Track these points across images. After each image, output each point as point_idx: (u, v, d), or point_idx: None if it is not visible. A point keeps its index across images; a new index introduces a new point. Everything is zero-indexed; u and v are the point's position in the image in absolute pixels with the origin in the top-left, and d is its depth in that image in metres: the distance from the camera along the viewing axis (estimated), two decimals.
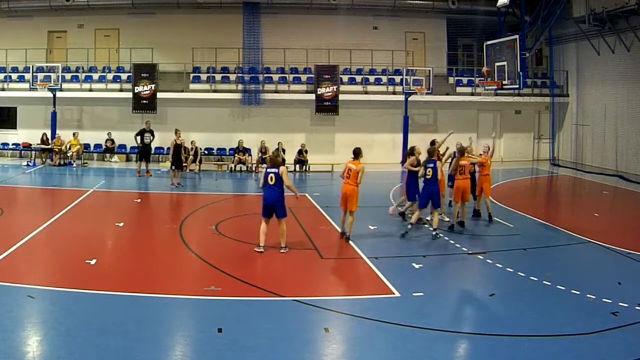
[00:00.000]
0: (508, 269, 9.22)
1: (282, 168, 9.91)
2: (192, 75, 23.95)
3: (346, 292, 8.25)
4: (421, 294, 7.98)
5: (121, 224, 11.96)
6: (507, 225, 12.51)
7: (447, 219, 12.45)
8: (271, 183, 9.85)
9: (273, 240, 10.92)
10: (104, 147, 22.99)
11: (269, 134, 22.17)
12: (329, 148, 23.79)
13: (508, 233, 11.91)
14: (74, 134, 21.64)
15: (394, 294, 7.98)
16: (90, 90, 23.35)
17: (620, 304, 7.57)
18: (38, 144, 21.55)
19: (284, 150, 21.30)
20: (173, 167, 17.21)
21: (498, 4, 22.56)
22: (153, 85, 22.65)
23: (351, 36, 25.00)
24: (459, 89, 24.94)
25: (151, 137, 19.42)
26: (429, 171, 11.30)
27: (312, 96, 23.39)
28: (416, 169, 11.80)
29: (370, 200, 15.23)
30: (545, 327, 6.88)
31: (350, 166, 10.80)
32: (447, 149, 13.55)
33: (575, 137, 24.63)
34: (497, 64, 21.67)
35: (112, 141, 22.92)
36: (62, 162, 21.37)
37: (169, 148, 17.65)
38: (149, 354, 6.04)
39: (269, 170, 9.93)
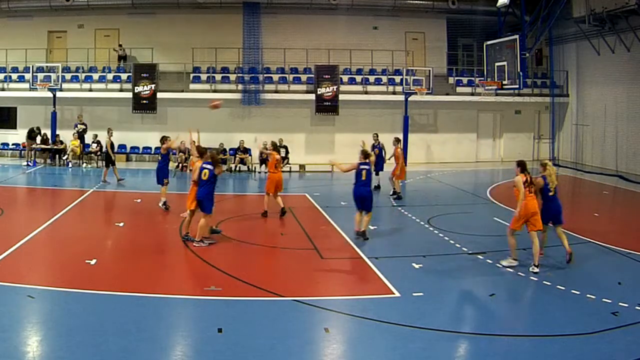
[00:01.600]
0: (508, 269, 9.22)
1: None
2: (192, 75, 23.95)
3: (346, 292, 8.24)
4: (421, 294, 7.98)
5: (121, 224, 11.96)
6: (507, 226, 12.48)
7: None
8: (204, 178, 10.16)
9: (272, 240, 10.93)
10: (90, 148, 21.77)
11: (269, 134, 22.12)
12: (329, 148, 23.79)
13: None
14: (73, 135, 21.58)
15: (394, 294, 7.98)
16: (90, 90, 23.35)
17: (620, 304, 7.57)
18: (38, 144, 21.54)
19: (286, 148, 21.25)
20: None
21: (498, 4, 22.58)
22: (153, 85, 22.65)
23: (351, 36, 25.00)
24: (459, 89, 24.94)
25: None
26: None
27: (312, 96, 23.39)
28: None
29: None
30: (545, 327, 6.88)
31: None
32: None
33: (575, 137, 24.63)
34: (497, 64, 21.68)
35: (99, 143, 21.47)
36: (62, 163, 21.38)
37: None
38: (149, 354, 6.04)
39: (205, 165, 10.21)
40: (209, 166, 10.21)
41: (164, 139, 13.86)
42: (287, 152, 21.17)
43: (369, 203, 10.94)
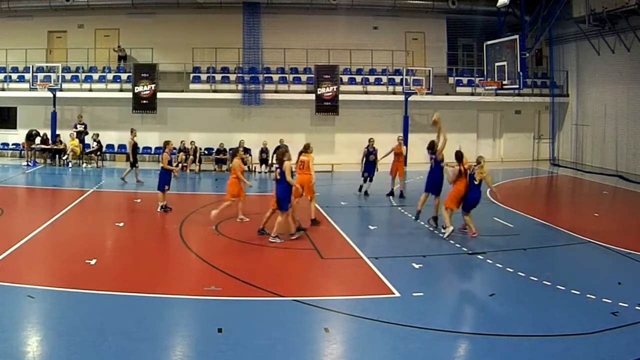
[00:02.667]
0: (508, 269, 9.22)
1: (285, 164, 10.48)
2: (192, 75, 23.95)
3: (346, 292, 8.24)
4: (421, 294, 7.98)
5: (121, 224, 11.96)
6: (507, 225, 12.51)
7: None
8: (278, 178, 10.61)
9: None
10: (90, 148, 21.63)
11: (269, 134, 22.16)
12: (329, 148, 23.79)
13: (508, 233, 11.91)
14: (70, 135, 21.52)
15: (394, 294, 7.98)
16: (90, 90, 23.35)
17: (620, 304, 7.57)
18: (38, 144, 21.53)
19: (286, 148, 21.16)
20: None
21: (498, 4, 22.57)
22: (153, 85, 22.64)
23: (351, 36, 24.99)
24: (459, 89, 24.94)
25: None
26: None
27: (312, 96, 23.39)
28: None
29: (370, 200, 15.26)
30: (545, 327, 6.88)
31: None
32: None
33: (575, 137, 24.64)
34: (497, 64, 21.67)
35: (99, 143, 21.62)
36: (62, 163, 21.38)
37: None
38: (149, 354, 6.04)
39: (276, 166, 10.80)
40: (280, 166, 10.57)
41: (166, 144, 13.51)
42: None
43: (437, 187, 11.92)
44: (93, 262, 8.99)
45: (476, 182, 11.15)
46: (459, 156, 11.46)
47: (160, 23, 24.50)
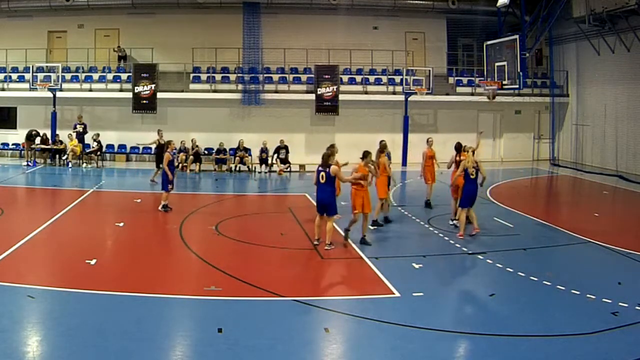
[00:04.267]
0: (508, 269, 9.22)
1: (332, 167, 10.06)
2: (192, 75, 23.94)
3: (346, 292, 8.25)
4: (421, 294, 7.98)
5: (121, 224, 11.95)
6: (507, 225, 12.51)
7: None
8: (322, 181, 10.12)
9: (272, 240, 10.92)
10: (90, 148, 21.62)
11: (269, 134, 22.17)
12: None
13: (508, 233, 11.91)
14: (69, 136, 21.49)
15: (394, 294, 7.98)
16: (90, 90, 23.34)
17: (620, 304, 7.57)
18: (37, 144, 21.51)
19: (286, 148, 21.23)
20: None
21: (498, 4, 22.56)
22: (153, 85, 22.64)
23: (351, 36, 24.97)
24: (459, 89, 24.93)
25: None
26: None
27: (312, 96, 23.38)
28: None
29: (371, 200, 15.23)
30: (545, 327, 6.88)
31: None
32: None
33: (575, 137, 24.63)
34: (497, 64, 21.67)
35: (99, 143, 21.58)
36: (62, 163, 21.38)
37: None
38: (149, 354, 6.04)
39: (319, 169, 10.19)
40: (325, 169, 10.09)
41: (167, 144, 13.56)
42: (287, 153, 21.19)
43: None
44: (93, 262, 8.99)
45: (472, 176, 11.13)
46: (457, 147, 12.37)
47: (160, 23, 24.48)
